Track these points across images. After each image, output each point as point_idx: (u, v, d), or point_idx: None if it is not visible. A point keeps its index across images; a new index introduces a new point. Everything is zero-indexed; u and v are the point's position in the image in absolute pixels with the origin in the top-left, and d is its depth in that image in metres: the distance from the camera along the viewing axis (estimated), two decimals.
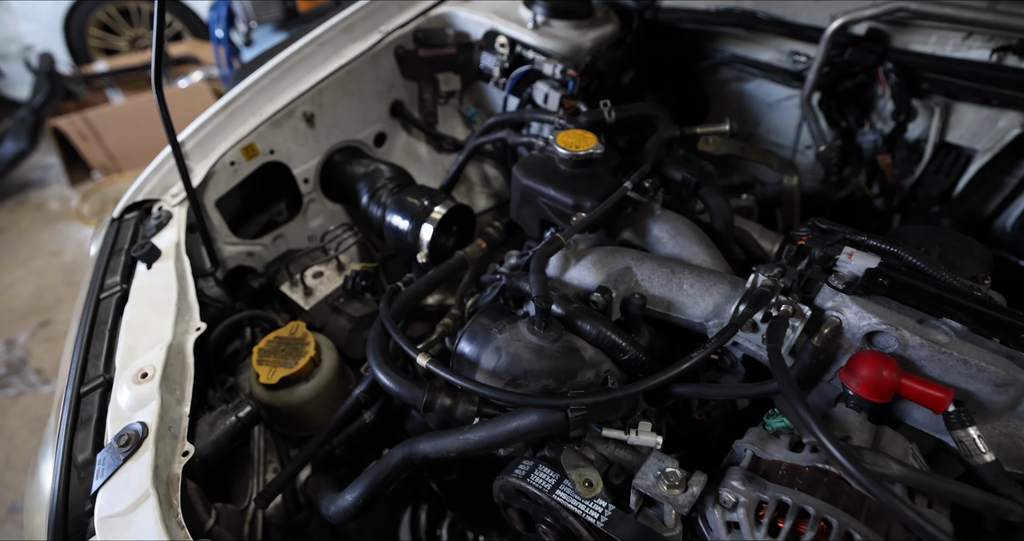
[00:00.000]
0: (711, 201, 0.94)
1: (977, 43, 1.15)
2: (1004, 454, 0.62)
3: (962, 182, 1.24)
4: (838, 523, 0.54)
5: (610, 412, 0.72)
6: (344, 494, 0.80)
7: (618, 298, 0.80)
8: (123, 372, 0.87)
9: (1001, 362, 0.60)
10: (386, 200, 1.16)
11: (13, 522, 2.25)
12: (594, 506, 0.67)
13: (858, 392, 0.63)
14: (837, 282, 0.67)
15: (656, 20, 1.46)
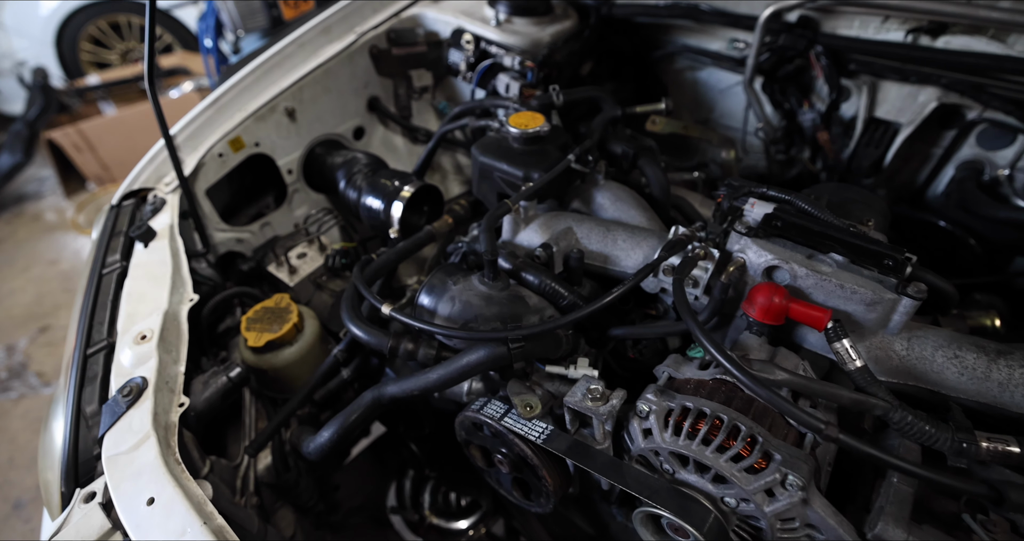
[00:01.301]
0: (648, 170, 1.06)
1: (893, 26, 1.27)
2: (880, 366, 0.74)
3: (890, 153, 1.36)
4: (728, 419, 0.65)
5: (550, 349, 0.83)
6: (321, 432, 0.91)
7: (559, 253, 0.91)
8: (124, 335, 0.98)
9: (870, 285, 0.71)
10: (361, 183, 1.28)
11: (18, 517, 2.34)
12: (535, 427, 0.78)
13: (756, 318, 0.74)
14: (741, 227, 0.79)
15: (612, 15, 1.59)
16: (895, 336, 0.73)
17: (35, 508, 2.36)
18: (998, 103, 1.21)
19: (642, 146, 1.11)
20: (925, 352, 0.72)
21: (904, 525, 0.59)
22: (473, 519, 1.42)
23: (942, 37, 1.24)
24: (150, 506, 0.77)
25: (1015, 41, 1.16)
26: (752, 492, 0.62)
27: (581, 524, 1.02)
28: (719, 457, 0.63)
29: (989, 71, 1.20)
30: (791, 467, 0.61)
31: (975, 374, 0.70)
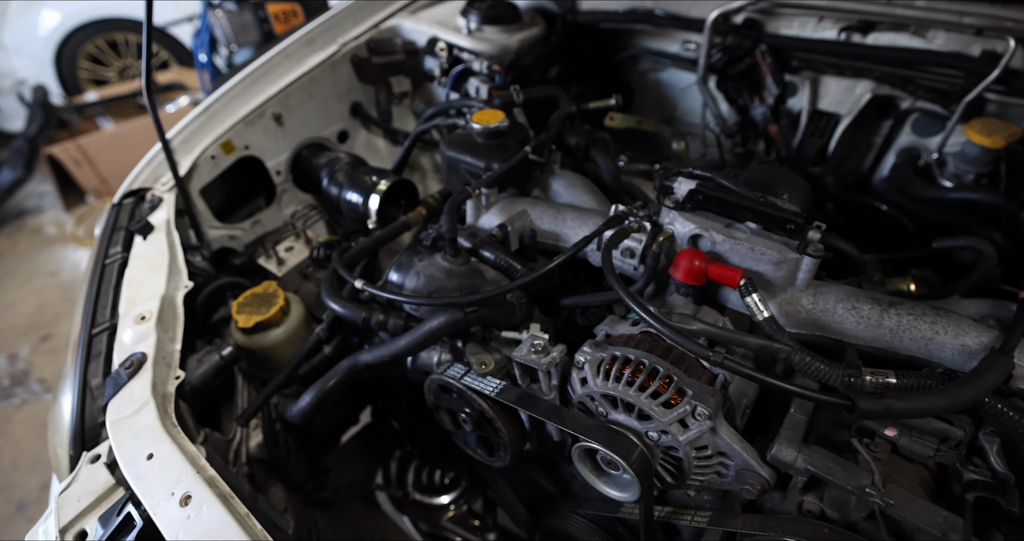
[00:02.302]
0: (599, 160, 1.18)
1: (828, 25, 1.40)
2: (790, 319, 0.85)
3: (833, 142, 1.48)
4: (649, 362, 0.75)
5: (504, 316, 0.94)
6: (302, 397, 1.01)
7: (515, 233, 1.03)
8: (125, 317, 1.09)
9: (776, 247, 0.82)
10: (342, 180, 1.39)
11: (22, 518, 2.42)
12: (490, 383, 0.88)
13: (680, 279, 0.85)
14: (669, 202, 0.90)
15: (576, 22, 1.72)
16: (802, 292, 0.84)
17: (38, 509, 2.44)
18: (924, 93, 1.34)
19: (594, 138, 1.22)
20: (828, 305, 0.83)
21: (796, 446, 0.70)
22: (454, 495, 1.52)
23: (871, 34, 1.36)
24: (149, 460, 0.88)
25: (934, 36, 1.29)
26: (668, 423, 0.72)
27: (545, 484, 1.12)
28: (640, 395, 0.74)
29: (914, 64, 1.32)
30: (700, 400, 0.71)
31: (870, 322, 0.80)
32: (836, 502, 0.70)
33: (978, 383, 0.64)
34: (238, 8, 2.96)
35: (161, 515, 0.81)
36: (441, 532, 1.54)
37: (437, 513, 1.53)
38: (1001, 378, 0.66)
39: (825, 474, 0.67)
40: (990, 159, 1.25)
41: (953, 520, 0.62)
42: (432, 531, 1.54)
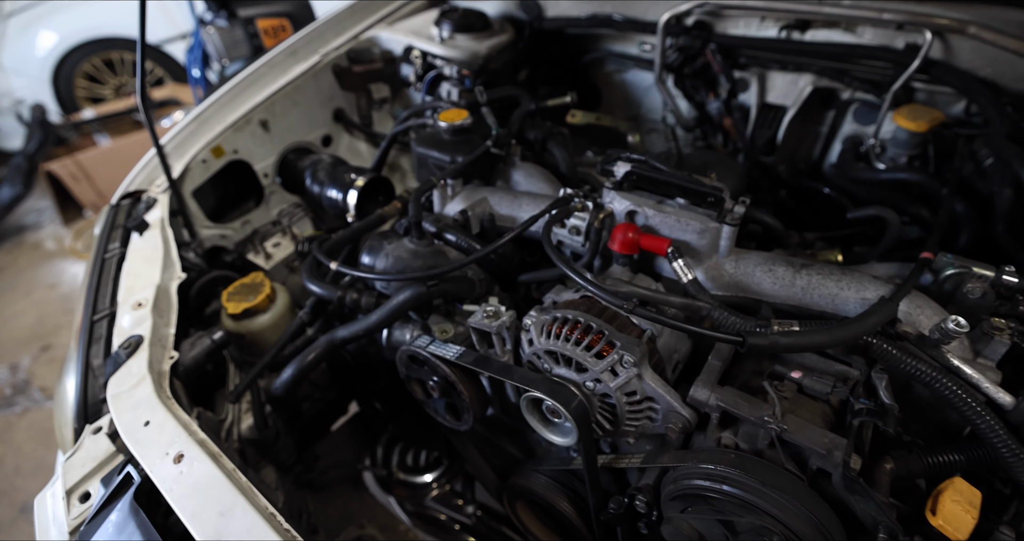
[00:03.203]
0: (555, 151, 1.30)
1: (769, 24, 1.53)
2: (715, 282, 0.96)
3: (780, 132, 1.60)
4: (584, 320, 0.87)
5: (464, 290, 1.05)
6: (284, 370, 1.12)
7: (475, 217, 1.15)
8: (124, 304, 1.20)
9: (699, 218, 0.94)
10: (323, 178, 1.52)
11: (25, 520, 2.51)
12: (451, 348, 0.99)
13: (617, 250, 0.96)
14: (609, 183, 1.02)
15: (543, 28, 1.86)
16: (725, 258, 0.96)
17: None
18: (859, 84, 1.46)
19: (551, 133, 1.35)
20: (748, 269, 0.94)
21: (710, 387, 0.80)
22: (436, 473, 1.62)
23: (808, 31, 1.49)
24: (146, 427, 0.99)
25: (863, 32, 1.42)
26: (600, 371, 0.83)
27: (513, 451, 1.23)
28: (576, 349, 0.85)
29: (847, 57, 1.45)
30: (627, 350, 0.82)
31: (784, 282, 0.92)
32: (747, 436, 0.80)
33: (858, 325, 0.75)
34: (229, 24, 3.12)
35: (157, 472, 0.92)
36: (425, 511, 1.63)
37: (421, 493, 1.63)
38: (881, 322, 0.77)
39: (733, 409, 0.78)
40: (918, 142, 1.37)
41: (838, 440, 0.72)
42: (417, 510, 1.64)
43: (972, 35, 1.25)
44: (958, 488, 0.70)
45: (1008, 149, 1.08)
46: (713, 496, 0.73)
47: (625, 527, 0.92)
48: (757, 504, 0.70)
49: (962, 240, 1.23)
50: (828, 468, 0.72)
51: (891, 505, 0.74)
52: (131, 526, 0.89)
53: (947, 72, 1.32)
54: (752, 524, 0.70)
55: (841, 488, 0.71)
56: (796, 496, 0.69)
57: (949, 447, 0.79)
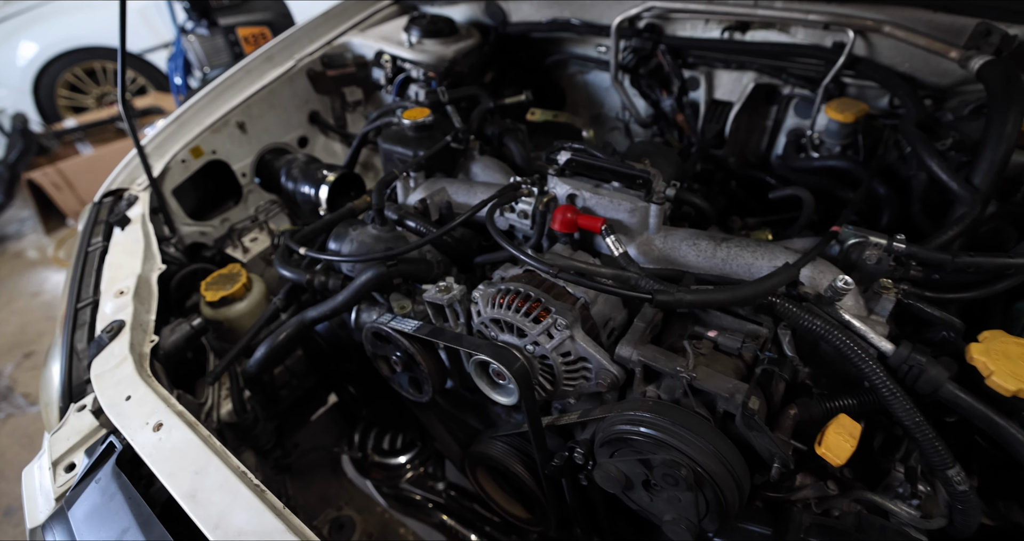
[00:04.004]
0: (511, 145, 1.42)
1: (713, 26, 1.67)
2: (646, 256, 1.07)
3: (728, 127, 1.73)
4: (523, 290, 0.98)
5: (422, 271, 1.16)
6: (257, 349, 1.22)
7: (434, 206, 1.26)
8: (106, 293, 1.30)
9: (629, 198, 1.06)
10: (297, 174, 1.63)
11: (8, 522, 2.56)
12: (409, 323, 1.10)
13: (558, 229, 1.08)
14: (552, 170, 1.14)
15: (507, 33, 1.99)
16: (655, 235, 1.07)
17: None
18: (795, 80, 1.60)
19: (507, 128, 1.47)
20: (675, 243, 1.06)
21: (633, 345, 0.92)
22: (410, 455, 1.71)
23: (748, 32, 1.63)
24: (127, 401, 1.08)
25: (796, 32, 1.56)
26: (537, 334, 0.94)
27: (474, 423, 1.33)
28: (516, 315, 0.96)
29: (784, 55, 1.59)
30: (560, 314, 0.93)
31: (707, 254, 1.03)
32: (668, 388, 0.91)
33: (758, 285, 0.87)
34: (210, 33, 3.24)
35: (137, 440, 1.01)
36: (401, 492, 1.73)
37: (396, 474, 1.72)
38: (781, 284, 0.89)
39: (652, 362, 0.89)
40: (848, 132, 1.50)
41: (740, 386, 0.84)
42: (393, 492, 1.73)
43: (888, 34, 1.38)
44: (841, 422, 0.82)
45: (916, 136, 1.21)
46: (633, 438, 0.84)
47: (568, 479, 1.02)
48: (668, 442, 0.81)
49: (884, 220, 1.36)
50: (732, 410, 0.83)
51: (789, 443, 0.85)
52: (113, 488, 0.98)
53: (870, 68, 1.46)
54: (664, 459, 0.80)
55: (742, 426, 0.82)
56: (701, 433, 0.80)
57: (845, 393, 0.90)
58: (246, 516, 0.88)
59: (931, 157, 1.14)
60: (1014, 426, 0.78)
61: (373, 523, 1.68)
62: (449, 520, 1.59)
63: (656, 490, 0.87)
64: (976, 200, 1.06)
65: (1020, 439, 0.77)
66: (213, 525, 0.87)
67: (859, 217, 1.44)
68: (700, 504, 0.82)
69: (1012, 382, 0.78)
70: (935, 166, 1.13)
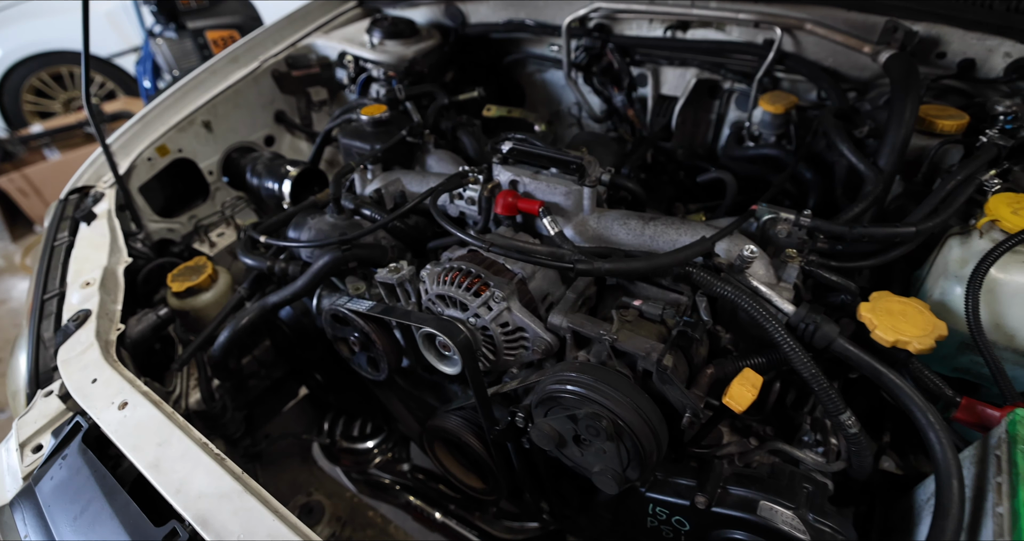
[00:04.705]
0: (464, 138, 1.52)
1: (656, 25, 1.79)
2: (582, 236, 1.18)
3: (674, 120, 1.85)
4: (465, 266, 1.07)
5: (377, 255, 1.25)
6: (220, 334, 1.29)
7: (389, 196, 1.35)
8: (72, 285, 1.36)
9: (564, 182, 1.16)
10: (260, 170, 1.70)
11: None
12: (364, 303, 1.18)
13: (500, 213, 1.17)
14: (496, 159, 1.24)
15: (466, 34, 2.09)
16: (589, 216, 1.18)
17: None
18: (732, 75, 1.73)
19: (460, 123, 1.57)
20: (608, 223, 1.16)
21: (563, 314, 1.01)
22: (377, 440, 1.79)
23: (689, 31, 1.76)
24: (93, 383, 1.15)
25: (731, 30, 1.69)
26: (477, 307, 1.03)
27: (433, 402, 1.41)
28: (458, 290, 1.05)
29: (721, 52, 1.72)
30: (498, 287, 1.03)
31: (635, 232, 1.14)
32: (596, 352, 1.01)
33: (672, 255, 0.97)
34: (178, 36, 3.29)
35: (103, 418, 1.08)
36: (370, 477, 1.80)
37: (365, 459, 1.80)
38: (694, 254, 0.99)
39: (579, 328, 0.99)
40: (781, 123, 1.63)
41: (656, 345, 0.94)
42: (363, 477, 1.81)
43: (810, 31, 1.52)
44: (745, 375, 0.92)
45: (831, 124, 1.33)
46: (562, 396, 0.94)
47: (512, 444, 1.11)
48: (591, 397, 0.90)
49: (811, 202, 1.48)
50: (649, 367, 0.94)
51: (702, 397, 0.95)
52: (80, 463, 1.05)
53: (798, 63, 1.59)
54: (587, 412, 0.90)
55: (658, 381, 0.92)
56: (620, 388, 0.90)
57: (756, 353, 1.01)
58: (206, 480, 0.96)
59: (842, 142, 1.27)
60: (893, 373, 0.89)
61: (342, 507, 1.75)
62: (415, 500, 1.66)
63: (585, 445, 0.97)
64: (879, 179, 1.18)
65: (898, 384, 0.88)
66: (175, 490, 0.95)
67: (791, 201, 1.56)
68: (622, 454, 0.92)
69: (891, 334, 0.90)
70: (845, 150, 1.26)
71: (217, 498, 0.93)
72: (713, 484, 1.00)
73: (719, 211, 1.38)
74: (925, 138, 1.27)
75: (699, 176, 1.33)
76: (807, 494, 0.96)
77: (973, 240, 1.00)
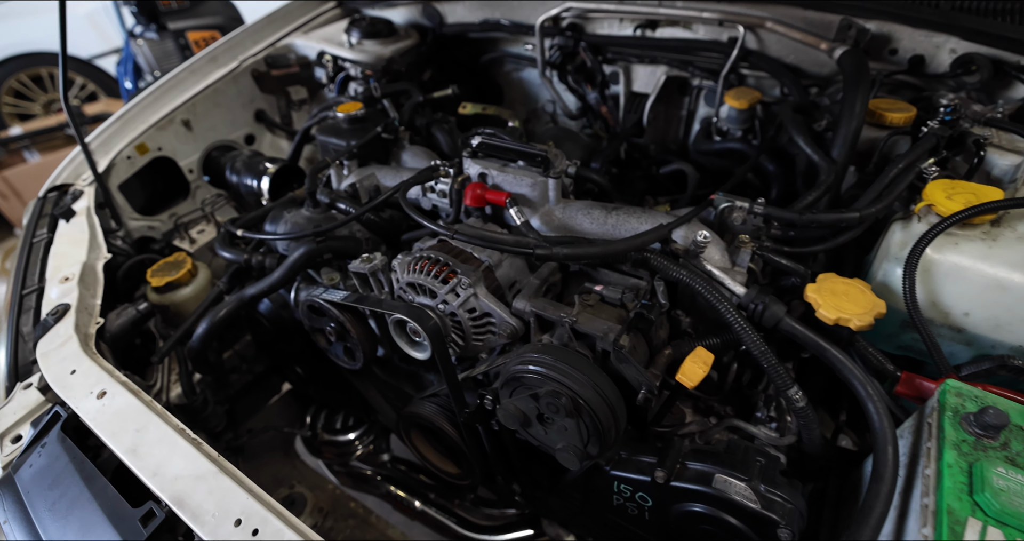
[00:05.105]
0: (437, 134, 1.57)
1: (627, 25, 1.86)
2: (548, 226, 1.23)
3: (645, 116, 1.92)
4: (434, 255, 1.12)
5: (351, 247, 1.29)
6: (198, 327, 1.33)
7: (364, 190, 1.39)
8: (52, 280, 1.39)
9: (530, 174, 1.21)
10: (240, 167, 1.74)
11: None
12: (338, 293, 1.23)
13: (469, 204, 1.22)
14: (466, 153, 1.29)
15: (444, 33, 2.15)
16: (555, 206, 1.23)
17: None
18: (700, 72, 1.79)
19: (434, 119, 1.62)
20: (572, 213, 1.22)
21: (527, 299, 1.07)
22: (358, 432, 1.83)
23: (658, 29, 1.82)
24: (72, 375, 1.18)
25: (697, 28, 1.75)
26: (445, 293, 1.08)
27: (409, 391, 1.46)
28: (427, 277, 1.10)
29: (689, 50, 1.78)
30: (465, 274, 1.08)
31: (599, 222, 1.19)
32: (559, 335, 1.06)
33: (628, 241, 1.03)
34: (159, 37, 3.31)
35: (82, 408, 1.11)
36: (352, 470, 1.84)
37: (347, 451, 1.83)
38: (650, 240, 1.05)
39: (542, 311, 1.04)
40: (746, 118, 1.69)
41: (614, 326, 0.99)
42: (345, 470, 1.84)
43: (771, 29, 1.59)
44: (697, 353, 0.98)
45: (788, 117, 1.40)
46: (525, 376, 0.99)
47: (482, 426, 1.16)
48: (551, 376, 0.95)
49: (774, 193, 1.55)
50: (607, 347, 0.99)
51: (658, 375, 1.01)
52: (59, 450, 1.08)
53: (761, 60, 1.66)
54: (548, 390, 0.95)
55: (615, 360, 0.98)
56: (578, 367, 0.95)
57: (712, 334, 1.07)
58: (183, 463, 1.00)
59: (797, 134, 1.33)
60: (836, 348, 0.95)
61: (324, 499, 1.79)
62: (395, 490, 1.70)
63: (548, 423, 1.02)
64: (832, 169, 1.25)
65: (839, 359, 0.94)
66: (151, 473, 0.99)
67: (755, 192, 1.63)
68: (582, 430, 0.97)
69: (833, 312, 0.96)
70: (800, 142, 1.32)
71: (193, 479, 0.97)
72: (672, 460, 1.05)
73: (682, 201, 1.44)
74: (876, 130, 1.34)
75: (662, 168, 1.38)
76: (760, 467, 1.02)
77: (912, 224, 1.07)
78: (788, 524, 0.92)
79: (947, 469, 0.78)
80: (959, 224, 1.00)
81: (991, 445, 0.80)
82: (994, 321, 0.98)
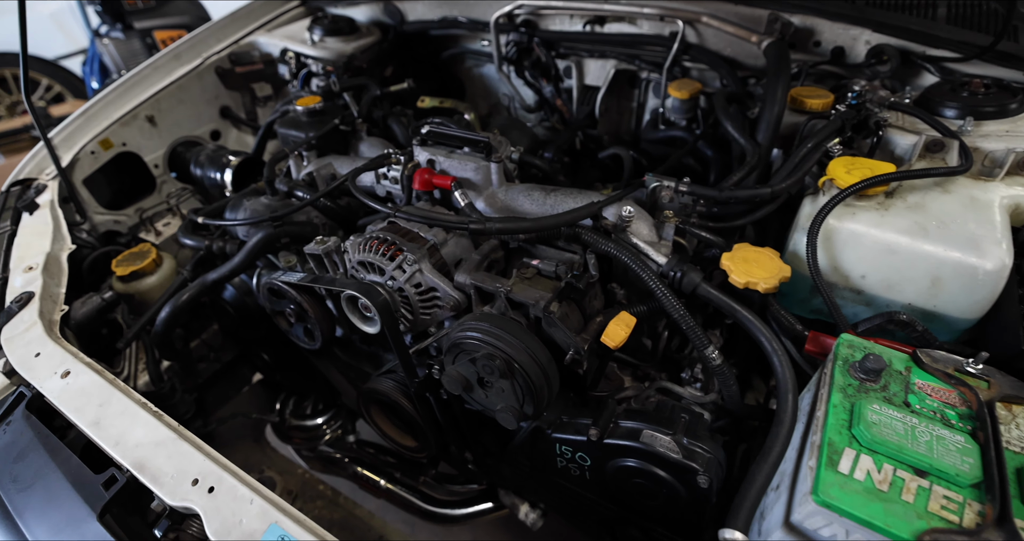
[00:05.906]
0: (394, 126, 1.66)
1: (576, 21, 1.96)
2: (492, 208, 1.32)
3: (597, 108, 2.03)
4: (382, 235, 1.21)
5: (308, 232, 1.37)
6: (160, 313, 1.40)
7: (321, 179, 1.48)
8: (15, 270, 1.44)
9: (474, 159, 1.31)
10: (203, 161, 1.81)
11: None
12: (295, 275, 1.31)
13: (418, 188, 1.32)
14: (416, 140, 1.38)
15: (405, 30, 2.23)
16: (498, 189, 1.33)
17: None
18: (646, 66, 1.91)
19: (391, 112, 1.71)
20: (514, 195, 1.32)
21: (468, 272, 1.16)
22: (325, 417, 1.90)
23: (606, 25, 1.93)
24: (36, 357, 1.25)
25: (642, 24, 1.87)
26: (392, 270, 1.17)
27: (370, 370, 1.54)
28: (376, 255, 1.19)
29: (635, 45, 1.89)
30: (410, 251, 1.17)
31: (539, 202, 1.29)
32: (498, 306, 1.16)
33: (558, 216, 1.13)
34: (125, 37, 3.34)
35: (47, 387, 1.18)
36: (321, 454, 1.91)
37: (315, 436, 1.91)
38: (579, 217, 1.15)
39: (480, 284, 1.13)
40: (688, 107, 1.81)
41: (544, 295, 1.09)
42: (314, 454, 1.91)
43: (706, 24, 1.70)
44: (620, 317, 1.08)
45: (719, 105, 1.51)
46: (464, 342, 1.08)
47: (432, 395, 1.25)
48: (487, 341, 1.05)
49: (712, 177, 1.66)
50: (538, 314, 1.08)
51: (587, 340, 1.11)
52: (23, 427, 1.14)
53: (701, 52, 1.78)
54: (484, 353, 1.04)
55: (546, 326, 1.07)
56: (511, 332, 1.05)
57: (640, 303, 1.17)
58: (144, 432, 1.07)
59: (725, 120, 1.45)
60: (745, 309, 1.06)
61: (294, 482, 1.86)
62: (362, 470, 1.78)
63: (488, 387, 1.11)
64: (756, 151, 1.36)
65: (748, 318, 1.04)
66: (114, 443, 1.06)
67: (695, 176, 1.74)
68: (517, 391, 1.07)
69: (743, 277, 1.07)
70: (728, 126, 1.44)
71: (153, 446, 1.04)
72: (606, 420, 1.15)
73: (621, 183, 1.55)
74: (797, 115, 1.45)
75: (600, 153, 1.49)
76: (684, 422, 1.12)
77: (818, 197, 1.18)
78: (706, 471, 1.02)
79: (832, 409, 0.89)
80: (856, 195, 1.12)
81: (872, 387, 0.91)
82: (887, 282, 1.09)
